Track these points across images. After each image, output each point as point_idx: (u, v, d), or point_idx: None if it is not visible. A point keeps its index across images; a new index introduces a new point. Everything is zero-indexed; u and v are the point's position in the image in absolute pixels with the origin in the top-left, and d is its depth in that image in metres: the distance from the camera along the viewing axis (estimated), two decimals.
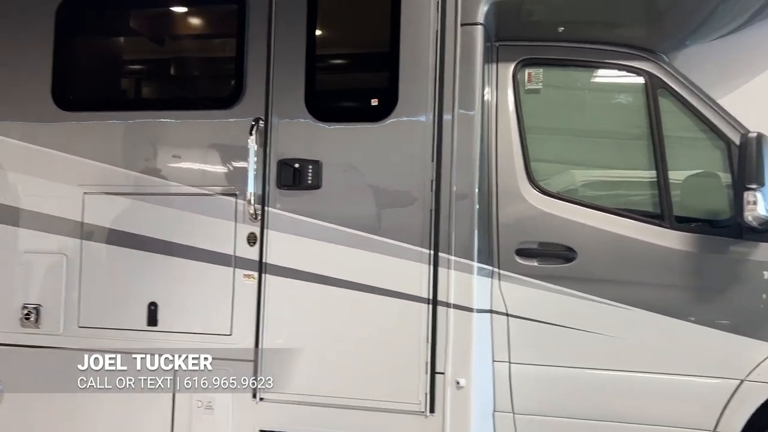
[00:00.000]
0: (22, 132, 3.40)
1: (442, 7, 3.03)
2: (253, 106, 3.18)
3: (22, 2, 3.46)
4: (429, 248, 3.00)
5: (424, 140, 3.03)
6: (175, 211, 3.24)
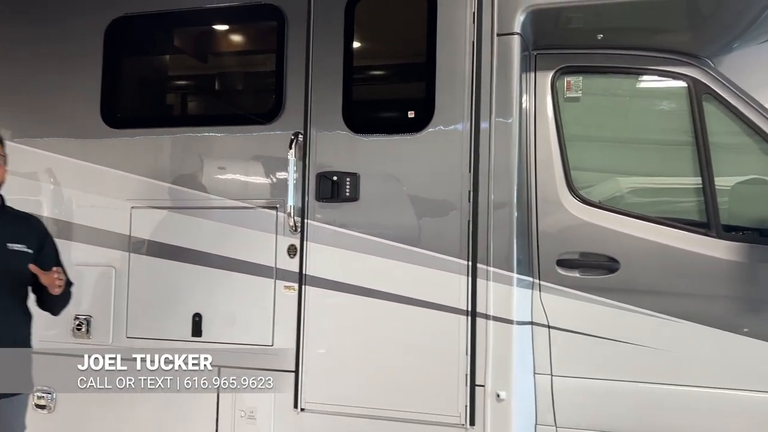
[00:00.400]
0: (73, 149, 3.53)
1: (478, 18, 3.03)
2: (293, 120, 3.24)
3: (73, 23, 3.61)
4: (467, 259, 2.99)
5: (462, 150, 3.02)
6: (218, 224, 3.32)
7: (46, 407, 3.41)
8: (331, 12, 3.21)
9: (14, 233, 2.65)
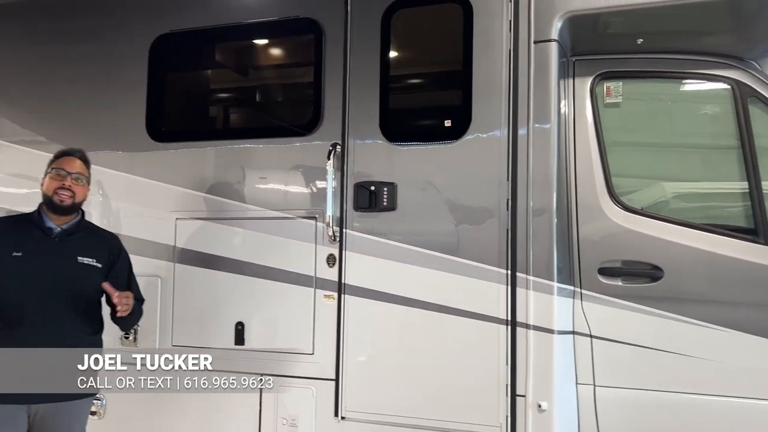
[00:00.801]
0: (120, 162, 3.65)
1: (514, 26, 3.03)
2: (331, 131, 3.28)
3: (119, 40, 3.74)
4: (506, 268, 2.98)
5: (499, 158, 3.02)
6: (260, 234, 3.38)
7: (96, 413, 3.52)
8: (367, 23, 3.25)
9: (86, 248, 2.80)
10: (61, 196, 2.75)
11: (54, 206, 2.77)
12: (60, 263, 2.73)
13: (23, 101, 3.96)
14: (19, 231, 2.74)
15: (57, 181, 2.77)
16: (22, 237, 2.73)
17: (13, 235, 2.72)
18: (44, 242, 2.74)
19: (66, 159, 2.85)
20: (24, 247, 2.70)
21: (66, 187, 2.76)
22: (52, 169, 2.80)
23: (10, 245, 2.69)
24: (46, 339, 2.68)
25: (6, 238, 2.71)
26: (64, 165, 2.82)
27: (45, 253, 2.71)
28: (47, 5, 3.93)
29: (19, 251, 2.69)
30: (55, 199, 2.75)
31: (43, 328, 2.69)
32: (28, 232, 2.76)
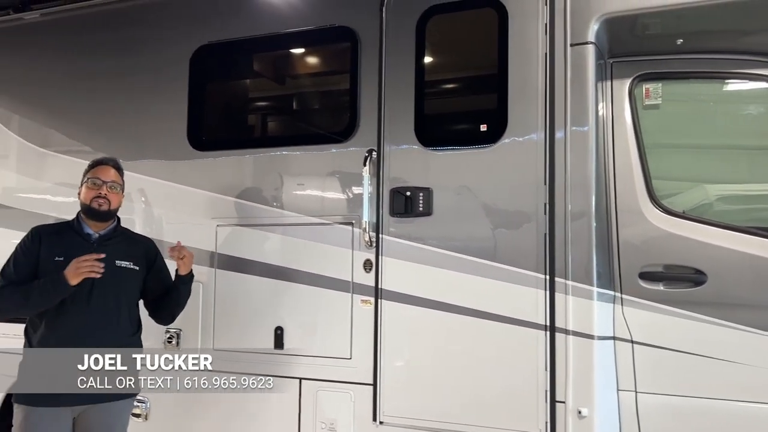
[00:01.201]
0: (162, 171, 3.75)
1: (550, 29, 3.01)
2: (367, 137, 3.32)
3: (160, 52, 3.85)
4: (544, 273, 2.96)
5: (536, 162, 3.00)
6: (298, 240, 3.43)
7: (140, 415, 3.61)
8: (402, 30, 3.27)
9: (124, 252, 2.96)
10: (98, 202, 2.89)
11: (92, 213, 2.90)
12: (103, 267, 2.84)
13: (70, 113, 4.09)
14: (60, 237, 2.86)
15: (93, 190, 2.90)
16: (64, 243, 2.86)
17: (55, 242, 2.85)
18: (84, 247, 2.86)
19: (101, 168, 2.98)
20: (66, 252, 2.82)
21: (102, 195, 2.90)
22: (88, 179, 2.93)
23: (53, 251, 2.82)
24: (88, 340, 2.80)
25: (49, 244, 2.83)
26: (100, 174, 2.95)
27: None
28: (91, 19, 4.07)
29: (62, 256, 2.81)
30: (94, 206, 2.89)
31: (84, 330, 2.81)
32: (68, 238, 2.88)
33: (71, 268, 2.76)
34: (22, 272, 2.80)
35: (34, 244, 2.85)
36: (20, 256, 2.84)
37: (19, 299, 2.74)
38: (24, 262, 2.82)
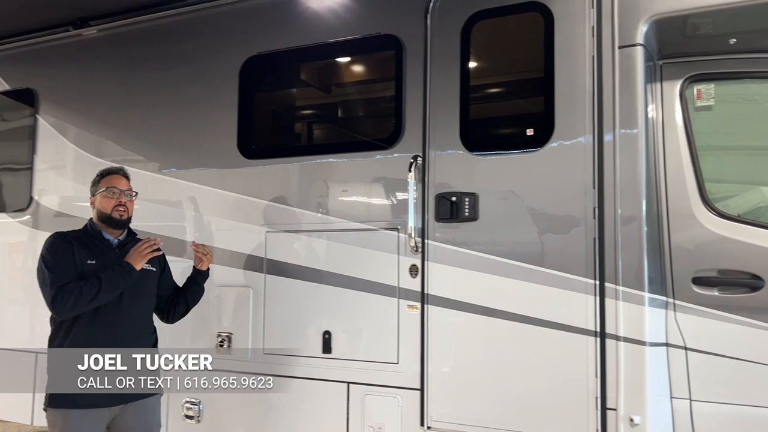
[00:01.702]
0: (213, 179, 3.85)
1: (597, 32, 2.99)
2: (412, 143, 3.34)
3: (211, 65, 3.95)
4: (594, 278, 2.92)
5: (584, 165, 2.97)
6: (345, 245, 3.47)
7: (193, 418, 3.72)
8: (447, 36, 3.29)
9: None
10: (119, 212, 3.02)
11: (113, 222, 3.03)
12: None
13: (124, 124, 4.24)
14: (84, 243, 2.97)
15: (113, 199, 3.03)
16: (90, 248, 2.98)
17: (82, 246, 2.95)
18: (108, 252, 3.00)
19: (114, 177, 3.11)
20: (95, 256, 2.96)
21: (122, 204, 3.03)
22: (106, 189, 3.04)
23: (86, 254, 2.94)
24: (119, 339, 2.93)
25: (81, 248, 2.94)
26: (116, 183, 3.08)
27: (111, 261, 2.96)
28: (144, 33, 4.21)
29: (93, 260, 2.94)
30: (115, 216, 3.02)
31: (117, 329, 2.94)
32: (92, 244, 3.00)
33: (133, 255, 2.94)
34: (71, 272, 2.87)
35: (69, 247, 2.93)
36: (61, 260, 2.89)
37: (89, 292, 2.81)
38: (68, 263, 2.88)
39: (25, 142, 4.54)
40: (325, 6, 3.67)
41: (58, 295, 2.79)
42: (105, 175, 3.12)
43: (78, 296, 2.80)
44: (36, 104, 4.53)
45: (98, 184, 3.09)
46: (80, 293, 2.80)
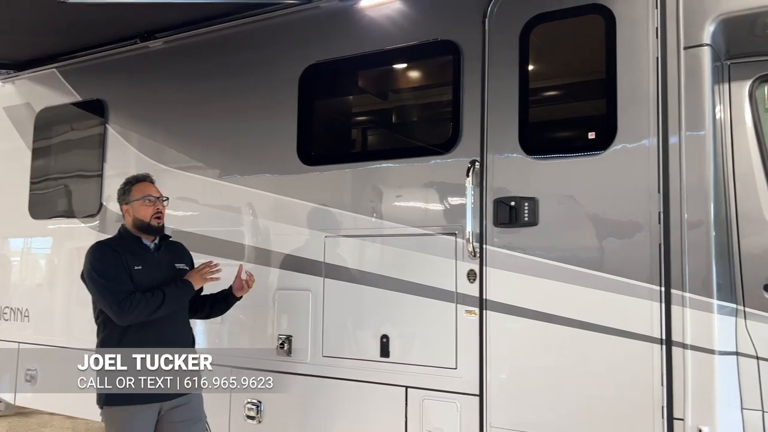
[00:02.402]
0: (273, 185, 3.94)
1: (661, 32, 2.93)
2: (470, 148, 3.34)
3: (271, 73, 4.05)
4: (659, 285, 2.85)
5: (649, 169, 2.91)
6: (402, 250, 3.49)
7: (254, 418, 3.80)
8: (505, 40, 3.28)
9: (175, 255, 3.25)
10: (157, 220, 3.14)
11: (151, 229, 3.14)
12: (166, 272, 3.13)
13: (188, 132, 4.39)
14: (127, 249, 3.08)
15: (150, 207, 3.14)
16: (133, 254, 3.09)
17: (128, 252, 3.07)
18: (148, 256, 3.12)
19: (146, 185, 3.22)
20: (140, 261, 3.07)
21: (159, 211, 3.15)
22: (143, 197, 3.13)
23: (132, 260, 3.06)
24: (169, 340, 3.06)
25: (127, 254, 3.06)
26: (149, 191, 3.19)
27: (154, 265, 3.09)
28: (207, 44, 4.36)
29: (139, 265, 3.06)
30: (153, 223, 3.14)
31: (165, 329, 3.06)
32: (134, 250, 3.11)
33: (195, 275, 3.10)
34: (126, 279, 2.99)
35: (117, 254, 3.04)
36: (115, 268, 2.99)
37: (154, 304, 2.95)
38: (122, 270, 3.00)
39: (95, 151, 4.76)
40: (383, 14, 3.72)
41: (125, 304, 2.91)
42: (134, 183, 3.21)
43: (144, 307, 2.94)
44: (106, 114, 4.74)
45: (131, 193, 3.17)
46: (146, 304, 2.94)
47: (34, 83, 5.25)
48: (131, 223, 3.18)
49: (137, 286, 3.00)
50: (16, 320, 5.01)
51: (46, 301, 4.95)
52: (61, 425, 6.13)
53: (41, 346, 4.80)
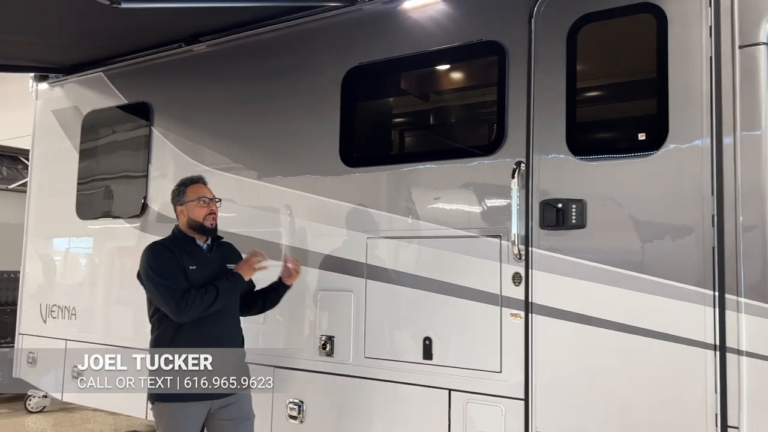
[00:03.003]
0: (316, 186, 3.96)
1: (715, 31, 2.86)
2: (515, 149, 3.31)
3: (315, 76, 4.07)
4: (713, 289, 2.78)
5: (702, 170, 2.85)
6: (445, 252, 3.47)
7: (296, 418, 3.82)
8: (552, 40, 3.24)
9: (227, 255, 3.29)
10: (211, 220, 3.20)
11: (204, 229, 3.20)
12: (219, 271, 3.16)
13: (232, 134, 4.44)
14: (182, 250, 3.13)
15: (204, 208, 3.20)
16: (188, 254, 3.14)
17: (183, 252, 3.12)
18: (202, 256, 3.17)
19: (200, 186, 3.27)
20: (195, 261, 3.13)
21: (212, 212, 3.21)
22: (197, 199, 3.20)
23: (187, 260, 3.11)
24: (222, 339, 3.11)
25: (182, 254, 3.11)
26: (203, 193, 3.24)
27: (207, 265, 3.14)
28: (250, 47, 4.41)
29: (193, 265, 3.11)
30: (207, 224, 3.20)
31: (216, 328, 3.11)
32: (189, 250, 3.16)
33: (244, 266, 3.14)
34: (182, 278, 3.06)
35: (173, 254, 3.11)
36: (171, 268, 3.07)
37: (209, 299, 3.01)
38: (178, 270, 3.07)
39: (140, 153, 4.86)
40: (426, 15, 3.71)
41: (181, 302, 2.97)
42: (189, 184, 3.27)
43: (199, 303, 2.99)
44: (151, 117, 4.83)
45: (185, 194, 3.24)
46: (201, 300, 2.99)
47: (81, 87, 5.39)
48: (185, 224, 3.23)
49: (191, 285, 3.04)
50: (64, 318, 5.14)
51: (91, 299, 5.06)
52: (103, 421, 6.27)
53: (88, 343, 4.91)
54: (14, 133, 8.93)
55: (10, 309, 6.68)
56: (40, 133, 5.71)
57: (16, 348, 5.46)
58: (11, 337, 6.50)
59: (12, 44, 4.85)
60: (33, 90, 5.76)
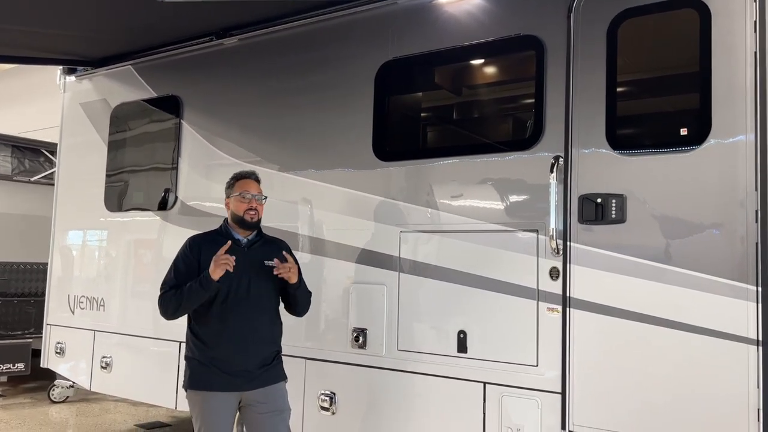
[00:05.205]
0: (349, 180, 3.97)
1: (760, 26, 2.85)
2: (553, 144, 3.31)
3: (348, 70, 4.08)
4: (755, 284, 2.78)
5: (745, 166, 2.84)
6: (481, 246, 3.48)
7: (329, 410, 3.84)
8: (592, 35, 3.24)
9: (267, 253, 3.28)
10: (250, 215, 3.23)
11: (244, 223, 3.25)
12: (253, 267, 3.20)
13: (262, 128, 4.46)
14: (216, 244, 3.15)
15: (245, 203, 3.25)
16: (220, 248, 3.13)
17: (213, 248, 3.14)
18: (238, 251, 3.18)
19: (246, 182, 3.32)
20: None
21: (253, 208, 3.24)
22: (240, 193, 3.26)
23: (212, 256, 3.10)
24: (247, 333, 3.14)
25: (207, 251, 3.16)
26: (248, 188, 3.29)
27: (241, 259, 3.14)
28: (282, 42, 4.42)
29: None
30: (246, 218, 3.23)
31: (248, 322, 3.14)
32: (223, 243, 3.15)
33: (211, 266, 3.08)
34: (181, 279, 3.15)
35: (193, 253, 3.21)
36: (180, 265, 3.21)
37: (176, 300, 3.12)
38: (183, 270, 3.18)
39: (170, 145, 4.88)
40: (462, 9, 3.72)
41: (160, 300, 3.17)
42: (239, 179, 3.35)
43: (170, 302, 3.14)
44: (180, 110, 4.86)
45: (233, 188, 3.32)
46: (170, 300, 3.14)
47: (110, 80, 5.43)
48: (230, 217, 3.32)
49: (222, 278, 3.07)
50: (92, 309, 5.18)
51: (120, 291, 5.10)
52: (126, 411, 6.31)
53: (116, 334, 4.95)
54: (40, 124, 9.01)
55: (34, 300, 6.75)
56: (68, 126, 5.75)
57: (44, 338, 5.50)
58: (35, 328, 6.59)
59: (44, 37, 4.89)
60: (61, 83, 5.80)
